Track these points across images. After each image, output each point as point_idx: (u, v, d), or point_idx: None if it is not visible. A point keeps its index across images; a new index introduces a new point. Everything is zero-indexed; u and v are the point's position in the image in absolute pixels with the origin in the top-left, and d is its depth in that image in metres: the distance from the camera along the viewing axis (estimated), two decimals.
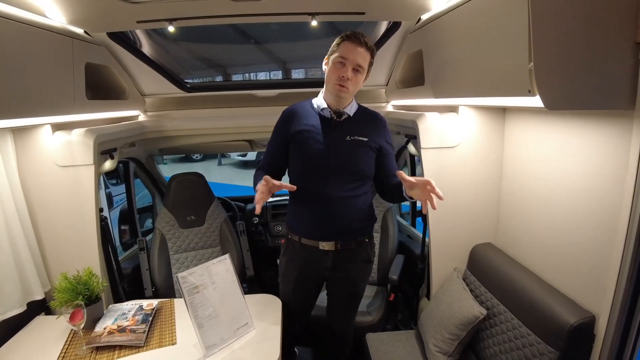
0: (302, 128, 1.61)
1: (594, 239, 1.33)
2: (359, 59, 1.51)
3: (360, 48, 1.50)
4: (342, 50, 1.51)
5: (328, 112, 1.62)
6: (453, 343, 1.69)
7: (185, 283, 1.41)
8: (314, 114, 1.64)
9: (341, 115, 1.61)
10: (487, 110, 1.85)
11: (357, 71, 1.53)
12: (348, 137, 1.61)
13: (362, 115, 1.68)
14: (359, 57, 1.51)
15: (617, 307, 1.23)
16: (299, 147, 1.62)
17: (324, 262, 1.68)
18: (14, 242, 1.60)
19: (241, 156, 11.59)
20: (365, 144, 1.62)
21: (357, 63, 1.51)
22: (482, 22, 1.28)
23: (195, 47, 2.39)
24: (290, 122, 1.64)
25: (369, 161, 1.65)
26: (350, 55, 1.50)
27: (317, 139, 1.60)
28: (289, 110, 1.68)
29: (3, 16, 1.23)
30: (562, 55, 1.03)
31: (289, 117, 1.66)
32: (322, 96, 1.65)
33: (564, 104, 1.12)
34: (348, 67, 1.51)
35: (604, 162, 1.28)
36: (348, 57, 1.50)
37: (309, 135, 1.60)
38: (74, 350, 1.45)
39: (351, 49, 1.50)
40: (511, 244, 1.86)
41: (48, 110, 1.55)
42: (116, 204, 4.33)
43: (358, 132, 1.62)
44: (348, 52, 1.50)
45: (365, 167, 1.64)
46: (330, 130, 1.61)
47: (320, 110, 1.63)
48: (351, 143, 1.60)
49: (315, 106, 1.66)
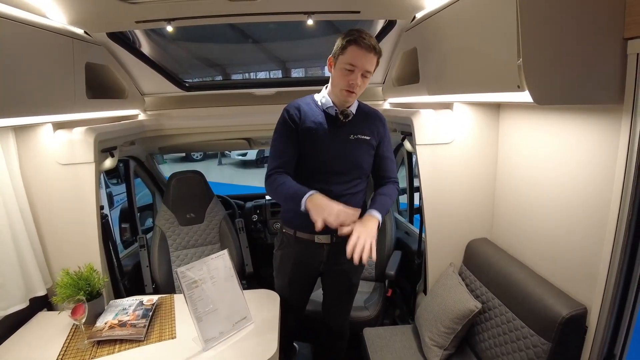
0: (309, 126, 1.59)
1: (586, 232, 1.35)
2: (367, 65, 1.47)
3: (369, 54, 1.45)
4: (350, 57, 1.45)
5: (334, 111, 1.60)
6: (449, 337, 1.72)
7: (184, 278, 1.44)
8: (319, 111, 1.62)
9: (348, 116, 1.60)
10: (481, 106, 1.87)
11: (365, 77, 1.50)
12: (352, 136, 1.61)
13: (363, 112, 1.68)
14: (368, 63, 1.46)
15: (608, 298, 1.25)
16: (304, 145, 1.60)
17: (319, 256, 1.70)
18: (16, 239, 1.62)
19: (241, 156, 11.62)
20: (367, 142, 1.63)
21: (365, 69, 1.47)
22: (473, 19, 1.31)
23: (194, 47, 2.41)
24: (297, 118, 1.59)
25: (369, 160, 1.67)
26: (359, 62, 1.45)
27: (323, 137, 1.59)
28: (294, 106, 1.62)
29: (4, 17, 1.25)
30: (551, 51, 1.06)
31: (295, 112, 1.60)
32: (327, 93, 1.62)
33: (553, 99, 1.15)
34: (357, 74, 1.47)
35: (594, 157, 1.30)
36: (357, 65, 1.45)
37: (315, 134, 1.58)
38: (75, 344, 1.48)
39: (360, 55, 1.44)
40: (506, 238, 1.88)
41: (49, 109, 1.58)
42: (117, 203, 4.35)
43: (361, 131, 1.62)
44: (356, 59, 1.45)
45: (366, 165, 1.66)
46: (336, 129, 1.60)
47: (326, 108, 1.61)
48: (355, 142, 1.61)
49: (319, 103, 1.64)
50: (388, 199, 1.65)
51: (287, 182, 1.53)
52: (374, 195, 1.66)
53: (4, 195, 1.59)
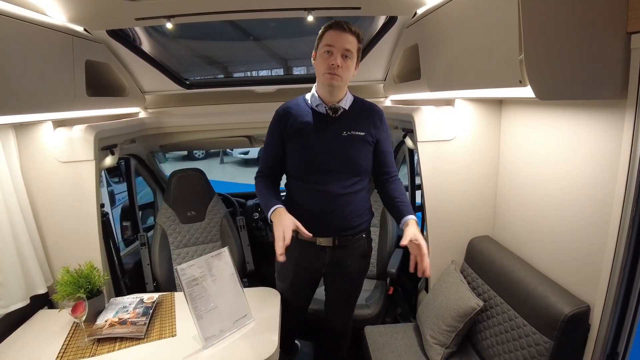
0: (297, 127, 1.57)
1: (588, 229, 1.34)
2: (345, 44, 1.47)
3: (344, 33, 1.46)
4: (327, 39, 1.48)
5: (323, 108, 1.58)
6: (450, 335, 1.71)
7: (184, 275, 1.43)
8: (308, 110, 1.60)
9: (337, 111, 1.57)
10: (483, 102, 1.86)
11: (346, 57, 1.49)
12: (345, 132, 1.57)
13: (358, 107, 1.64)
14: (345, 42, 1.47)
15: (611, 296, 1.23)
16: (295, 147, 1.59)
17: (321, 258, 1.67)
18: (17, 237, 1.62)
19: (243, 154, 11.62)
20: (362, 138, 1.59)
21: (344, 48, 1.47)
22: (475, 14, 1.29)
23: (194, 45, 2.40)
24: (285, 122, 1.60)
25: (367, 156, 1.62)
26: (337, 42, 1.46)
27: (312, 137, 1.56)
28: (282, 110, 1.63)
29: (4, 14, 1.25)
30: (552, 46, 1.04)
31: (283, 116, 1.61)
32: (315, 91, 1.61)
33: (555, 94, 1.13)
34: (336, 54, 1.47)
35: (597, 153, 1.29)
36: (335, 44, 1.46)
37: (304, 134, 1.57)
38: (76, 342, 1.48)
39: (336, 35, 1.47)
40: (508, 236, 1.87)
41: (49, 106, 1.58)
42: (119, 201, 4.36)
43: (354, 127, 1.58)
44: (334, 40, 1.46)
45: (362, 162, 1.61)
46: (326, 127, 1.57)
47: (315, 106, 1.59)
48: (348, 139, 1.57)
49: (308, 102, 1.62)
50: (405, 196, 1.66)
51: (263, 190, 1.64)
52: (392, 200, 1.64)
53: (5, 193, 1.59)
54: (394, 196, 1.64)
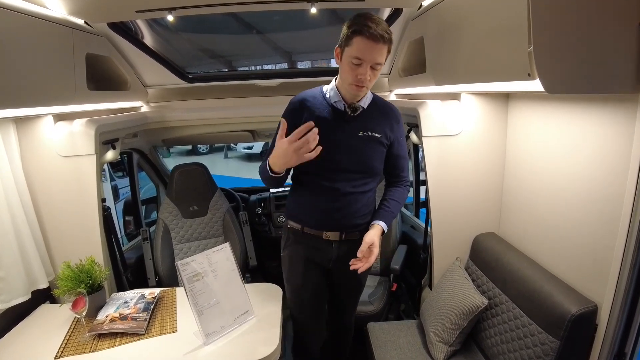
0: (313, 120, 1.46)
1: (597, 227, 1.31)
2: (376, 57, 1.33)
3: (377, 45, 1.31)
4: (356, 49, 1.33)
5: (342, 105, 1.50)
6: (454, 333, 1.69)
7: (185, 271, 1.42)
8: (326, 105, 1.52)
9: (356, 110, 1.49)
10: (490, 97, 1.82)
11: (374, 69, 1.38)
12: (361, 132, 1.51)
13: (377, 107, 1.57)
14: (378, 55, 1.33)
15: (619, 296, 1.21)
16: None
17: (328, 252, 1.64)
18: (18, 232, 1.62)
19: (247, 149, 11.62)
20: (377, 140, 1.53)
21: (375, 62, 1.35)
22: (482, 5, 1.26)
23: (197, 38, 2.38)
24: (300, 114, 1.51)
25: (380, 157, 1.58)
26: (367, 55, 1.32)
27: (328, 133, 1.45)
28: (299, 100, 1.54)
29: (3, 7, 1.23)
30: (562, 38, 1.01)
31: (298, 108, 1.53)
32: (335, 86, 1.52)
33: (564, 88, 1.10)
34: (365, 67, 1.35)
35: (607, 150, 1.25)
36: (364, 58, 1.33)
37: (320, 131, 1.44)
38: (76, 337, 1.47)
39: (367, 47, 1.31)
40: (514, 233, 1.84)
41: (49, 100, 1.56)
42: (122, 196, 4.36)
43: (371, 128, 1.52)
44: (365, 53, 1.32)
45: (376, 164, 1.56)
46: (343, 125, 1.51)
47: (334, 102, 1.52)
48: (364, 139, 1.52)
49: (327, 96, 1.53)
50: (396, 204, 1.63)
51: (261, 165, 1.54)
52: (382, 200, 1.63)
53: (6, 187, 1.58)
54: (385, 198, 1.64)
